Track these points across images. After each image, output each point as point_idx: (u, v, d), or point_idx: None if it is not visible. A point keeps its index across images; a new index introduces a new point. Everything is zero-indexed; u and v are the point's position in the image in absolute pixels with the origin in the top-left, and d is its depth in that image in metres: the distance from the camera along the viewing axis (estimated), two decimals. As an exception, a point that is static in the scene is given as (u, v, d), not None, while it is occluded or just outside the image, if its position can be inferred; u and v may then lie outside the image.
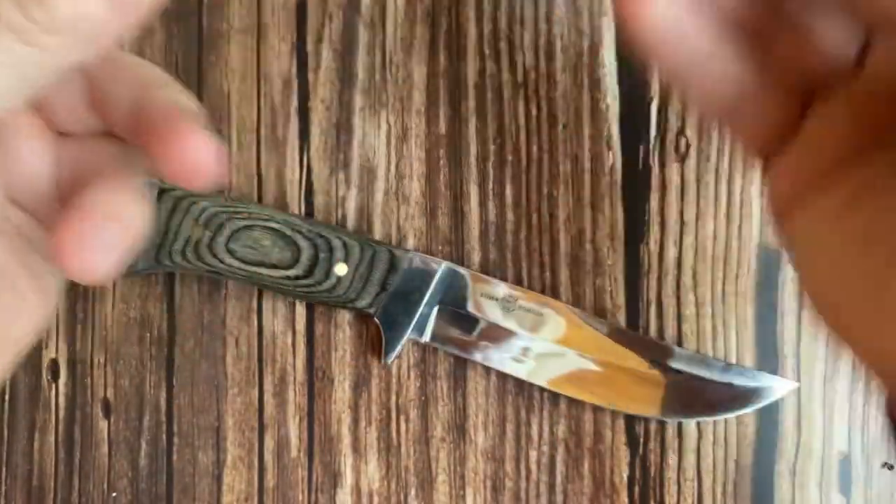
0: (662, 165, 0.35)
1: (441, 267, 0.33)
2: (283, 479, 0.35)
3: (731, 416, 0.34)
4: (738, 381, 0.33)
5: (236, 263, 0.32)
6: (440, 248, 0.35)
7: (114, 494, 0.35)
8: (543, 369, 0.33)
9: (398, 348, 0.33)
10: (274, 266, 0.32)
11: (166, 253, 0.32)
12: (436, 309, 0.33)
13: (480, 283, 0.34)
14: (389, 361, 0.34)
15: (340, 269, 0.33)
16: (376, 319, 0.33)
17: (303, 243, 0.33)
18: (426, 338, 0.33)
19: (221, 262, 0.32)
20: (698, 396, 0.33)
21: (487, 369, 0.34)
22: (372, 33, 0.35)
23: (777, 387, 0.33)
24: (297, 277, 0.33)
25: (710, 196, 0.35)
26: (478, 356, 0.34)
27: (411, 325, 0.33)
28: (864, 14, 0.19)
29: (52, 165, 0.23)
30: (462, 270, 0.34)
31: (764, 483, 0.34)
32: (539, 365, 0.33)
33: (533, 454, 0.35)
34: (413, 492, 0.35)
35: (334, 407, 0.35)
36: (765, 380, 0.33)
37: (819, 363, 0.34)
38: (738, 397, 0.33)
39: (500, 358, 0.33)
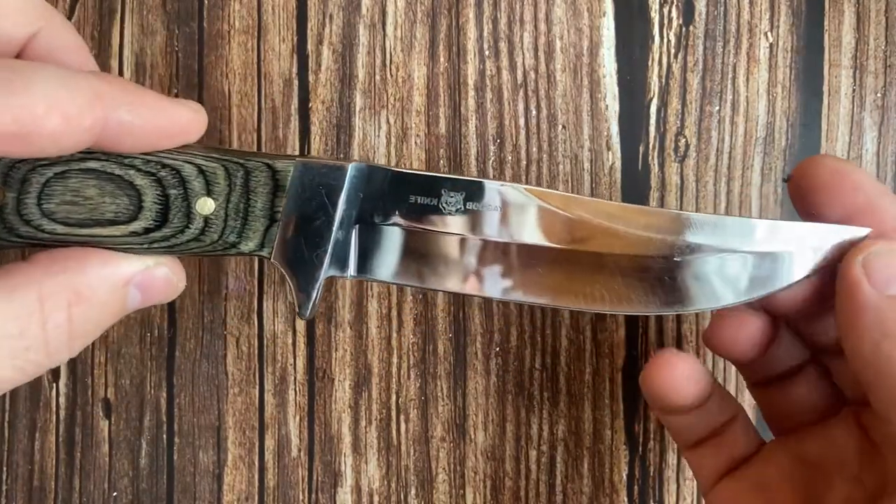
0: (662, 165, 0.35)
1: (348, 169, 0.25)
2: (284, 479, 0.35)
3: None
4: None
5: (60, 229, 0.24)
6: (440, 248, 0.35)
7: (114, 494, 0.35)
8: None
9: (315, 295, 0.25)
10: (111, 223, 0.24)
11: None
12: (355, 230, 0.25)
13: (411, 179, 0.25)
14: (307, 315, 0.25)
15: (204, 205, 0.24)
16: (274, 263, 0.25)
17: (142, 182, 0.24)
18: (350, 272, 0.25)
19: (39, 229, 0.24)
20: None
21: (487, 369, 0.35)
22: (372, 33, 0.35)
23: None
24: (146, 231, 0.24)
25: (710, 196, 0.35)
26: (432, 282, 0.26)
27: (325, 261, 0.25)
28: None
29: None
30: (380, 166, 0.26)
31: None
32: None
33: (533, 454, 0.35)
34: (413, 491, 0.35)
35: (334, 407, 0.35)
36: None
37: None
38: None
39: (461, 275, 0.26)
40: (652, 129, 0.35)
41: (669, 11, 0.35)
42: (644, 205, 0.34)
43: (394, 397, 0.35)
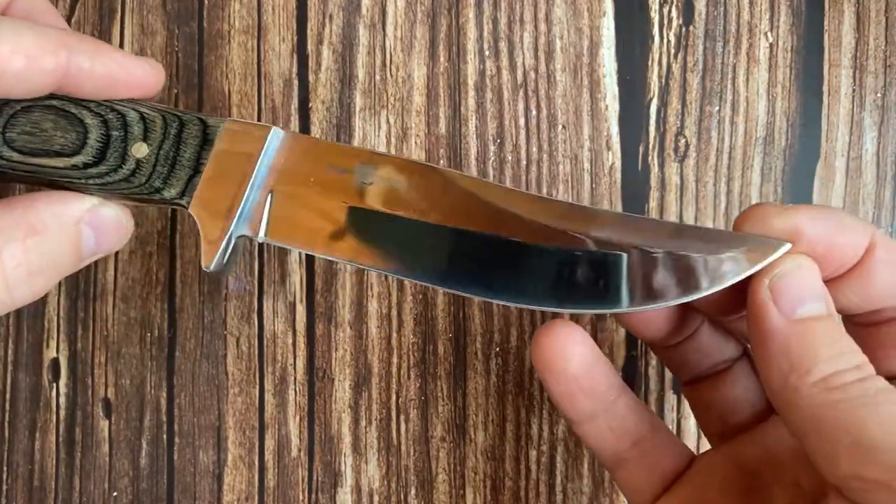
0: (662, 165, 0.35)
1: (270, 133, 0.26)
2: (284, 479, 0.35)
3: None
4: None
5: (16, 156, 0.26)
6: (440, 248, 0.35)
7: (114, 494, 0.35)
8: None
9: (222, 249, 0.25)
10: (58, 154, 0.26)
11: None
12: (270, 195, 0.26)
13: (332, 150, 0.26)
14: (210, 268, 0.26)
15: (139, 149, 0.26)
16: (191, 213, 0.26)
17: (91, 121, 0.26)
18: (262, 235, 0.26)
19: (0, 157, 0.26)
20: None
21: (488, 369, 0.35)
22: (372, 33, 0.35)
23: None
24: (85, 166, 0.26)
25: (710, 196, 0.35)
26: (340, 253, 0.26)
27: (235, 218, 0.25)
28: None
29: None
30: (301, 135, 0.27)
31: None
32: None
33: (533, 454, 0.35)
34: (413, 491, 0.35)
35: (334, 407, 0.35)
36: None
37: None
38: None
39: (362, 247, 0.26)
40: (652, 129, 0.35)
41: (669, 11, 0.35)
42: (644, 204, 0.34)
43: (394, 397, 0.35)
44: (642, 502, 0.28)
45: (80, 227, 0.25)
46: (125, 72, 0.26)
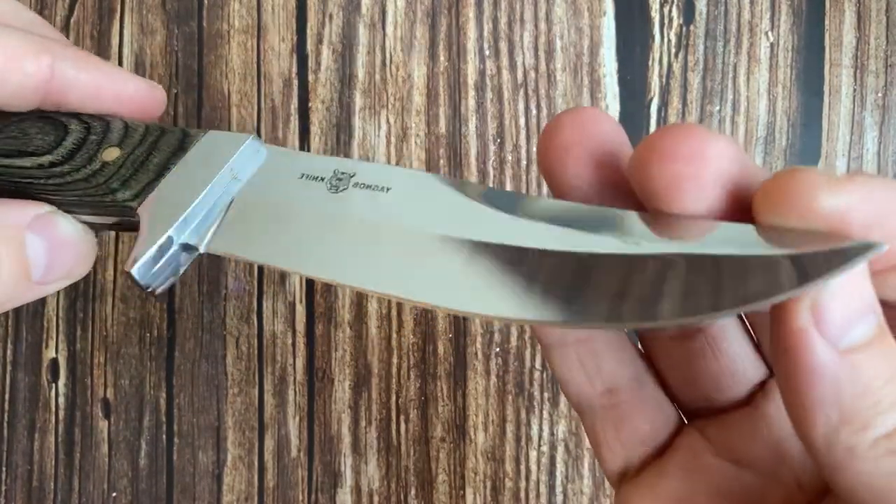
0: (662, 165, 0.35)
1: (245, 143, 0.24)
2: (283, 479, 0.35)
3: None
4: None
5: None
6: (440, 248, 0.35)
7: (114, 494, 0.35)
8: None
9: (152, 250, 0.22)
10: (30, 154, 0.24)
11: None
12: (230, 201, 0.23)
13: (307, 161, 0.24)
14: (131, 268, 0.22)
15: (110, 153, 0.24)
16: (138, 213, 0.23)
17: (74, 126, 0.25)
18: (205, 244, 0.23)
19: None
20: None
21: (488, 369, 0.34)
22: (372, 33, 0.35)
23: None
24: (51, 165, 0.24)
25: (710, 196, 0.35)
26: (297, 264, 0.23)
27: (178, 221, 0.23)
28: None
29: None
30: (283, 149, 0.24)
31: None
32: None
33: (533, 454, 0.35)
34: (413, 492, 0.35)
35: (334, 407, 0.35)
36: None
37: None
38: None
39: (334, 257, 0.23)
40: (653, 128, 0.35)
41: (670, 11, 0.35)
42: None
43: (394, 398, 0.35)
44: (608, 463, 0.22)
45: (24, 236, 0.22)
46: (114, 83, 0.25)
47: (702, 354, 0.21)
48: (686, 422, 0.23)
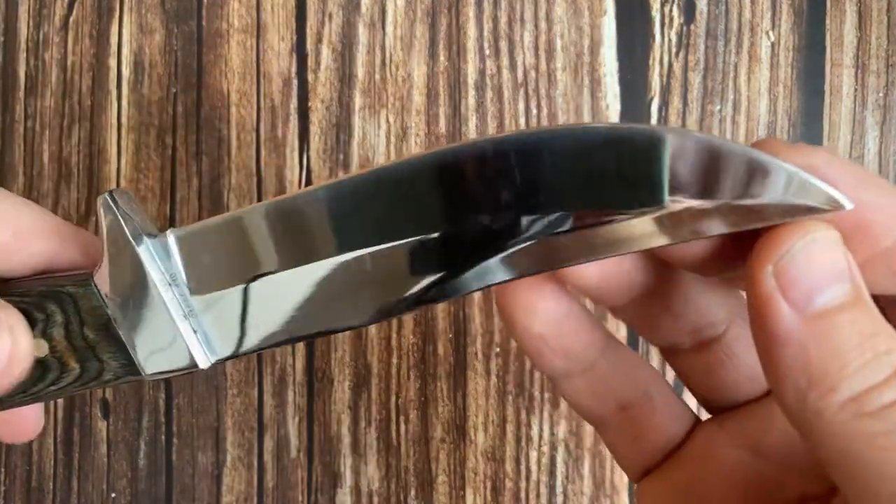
0: (663, 165, 0.34)
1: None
2: (283, 480, 0.35)
3: None
4: None
5: None
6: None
7: (113, 495, 0.35)
8: None
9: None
10: None
11: None
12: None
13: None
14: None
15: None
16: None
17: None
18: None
19: None
20: None
21: (488, 370, 0.34)
22: (371, 32, 0.35)
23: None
24: None
25: (711, 196, 0.35)
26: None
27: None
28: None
29: None
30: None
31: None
32: None
33: (533, 454, 0.34)
34: (413, 492, 0.34)
35: (334, 407, 0.35)
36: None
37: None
38: None
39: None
40: (653, 128, 0.35)
41: (670, 10, 0.34)
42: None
43: (393, 398, 0.35)
44: (630, 470, 0.23)
45: None
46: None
47: (720, 364, 0.21)
48: (700, 419, 0.23)
